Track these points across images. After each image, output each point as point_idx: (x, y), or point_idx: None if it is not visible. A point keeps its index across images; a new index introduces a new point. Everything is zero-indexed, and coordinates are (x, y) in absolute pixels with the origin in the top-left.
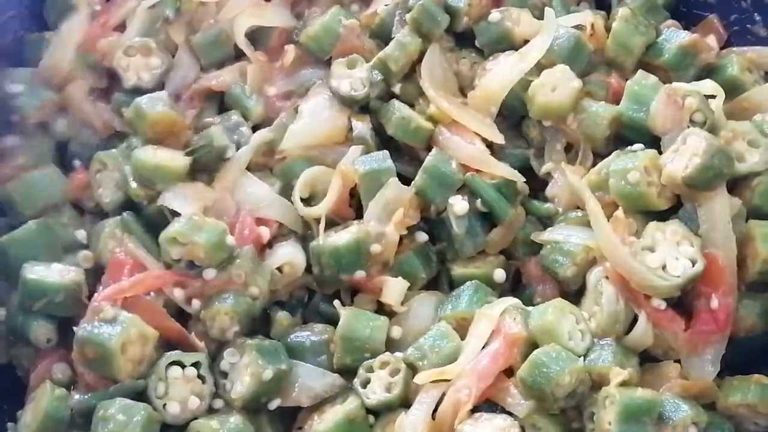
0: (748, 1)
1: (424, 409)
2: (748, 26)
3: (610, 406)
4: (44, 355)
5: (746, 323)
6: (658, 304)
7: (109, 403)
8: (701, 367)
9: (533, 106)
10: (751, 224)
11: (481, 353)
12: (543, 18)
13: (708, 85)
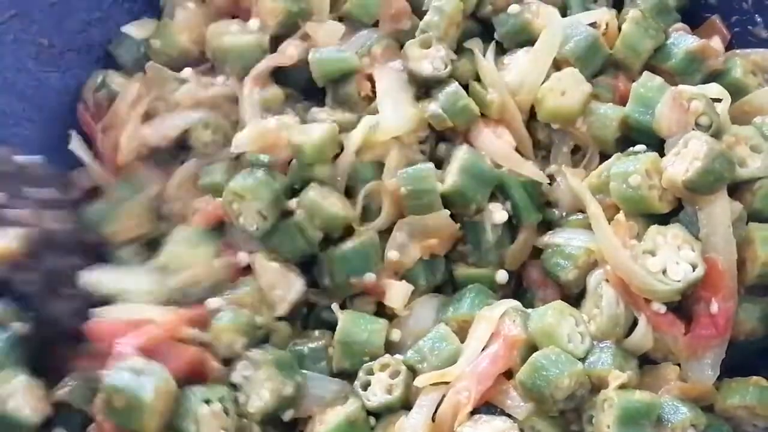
0: (749, 2)
1: (424, 412)
2: (749, 28)
3: (609, 410)
4: None
5: (746, 327)
6: (658, 307)
7: None
8: (701, 371)
9: (542, 110)
10: (750, 227)
11: (480, 355)
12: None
13: (714, 89)
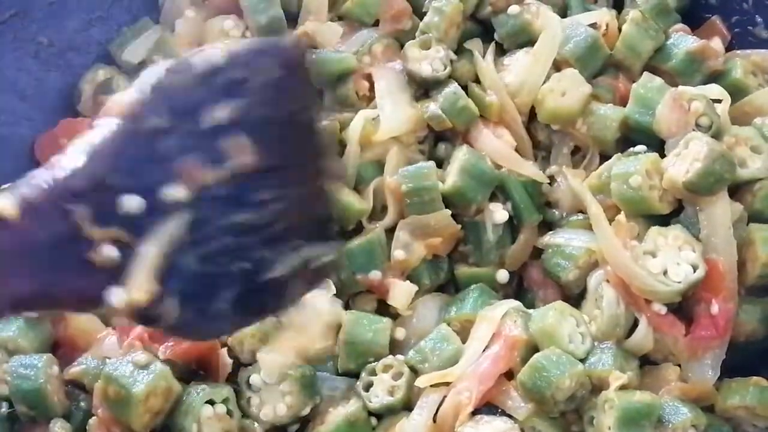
0: (750, 3)
1: (426, 412)
2: (750, 28)
3: (610, 410)
4: None
5: (746, 328)
6: (658, 308)
7: None
8: (701, 372)
9: (542, 111)
10: (751, 228)
11: (481, 356)
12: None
13: (714, 90)
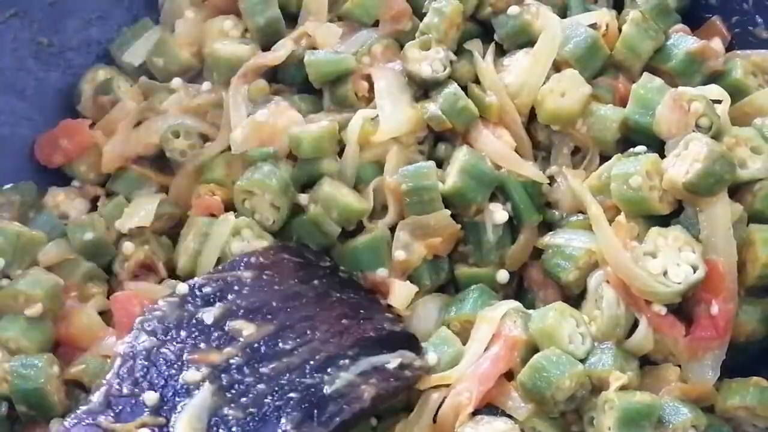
0: (750, 3)
1: (426, 413)
2: (750, 28)
3: (610, 411)
4: None
5: (746, 329)
6: (658, 309)
7: None
8: (701, 373)
9: (542, 111)
10: (751, 228)
11: (482, 356)
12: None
13: (714, 90)
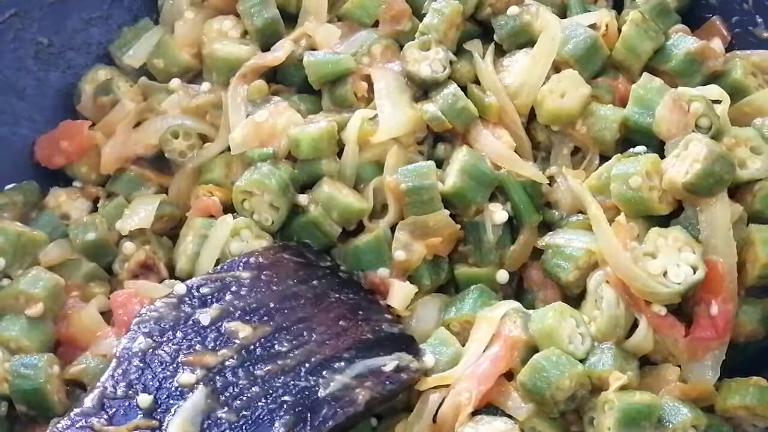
0: (750, 3)
1: (426, 413)
2: (750, 28)
3: (610, 411)
4: None
5: (746, 329)
6: (658, 309)
7: None
8: (701, 373)
9: (542, 112)
10: (751, 229)
11: (481, 357)
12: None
13: (714, 90)
